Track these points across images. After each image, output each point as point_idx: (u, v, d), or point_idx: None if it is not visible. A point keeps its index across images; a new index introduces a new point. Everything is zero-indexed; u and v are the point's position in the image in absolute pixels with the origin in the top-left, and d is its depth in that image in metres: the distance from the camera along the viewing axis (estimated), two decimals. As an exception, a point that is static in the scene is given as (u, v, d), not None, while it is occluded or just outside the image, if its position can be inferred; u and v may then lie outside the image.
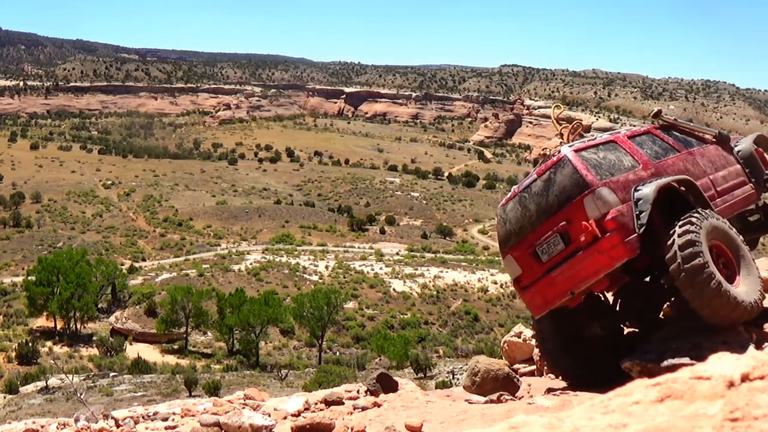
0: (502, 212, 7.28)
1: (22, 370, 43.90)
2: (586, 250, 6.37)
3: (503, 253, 7.25)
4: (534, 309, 7.10)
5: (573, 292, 6.59)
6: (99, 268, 61.29)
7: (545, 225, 6.71)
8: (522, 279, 7.07)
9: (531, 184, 6.97)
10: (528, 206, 6.89)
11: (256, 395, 7.41)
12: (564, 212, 6.55)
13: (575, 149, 6.79)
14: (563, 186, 6.60)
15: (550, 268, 6.70)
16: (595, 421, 1.62)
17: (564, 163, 6.68)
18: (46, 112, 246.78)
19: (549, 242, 6.69)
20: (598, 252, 6.29)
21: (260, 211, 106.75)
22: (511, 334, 10.09)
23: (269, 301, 52.76)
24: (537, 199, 6.82)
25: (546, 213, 6.70)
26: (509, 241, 7.11)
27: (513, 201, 7.12)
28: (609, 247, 6.22)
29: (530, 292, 6.99)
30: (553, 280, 6.67)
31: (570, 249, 6.54)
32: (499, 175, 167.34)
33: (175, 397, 28.09)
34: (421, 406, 6.54)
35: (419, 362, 43.28)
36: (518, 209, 7.00)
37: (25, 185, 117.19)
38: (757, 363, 1.65)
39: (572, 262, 6.50)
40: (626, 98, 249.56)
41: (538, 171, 7.00)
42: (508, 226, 7.12)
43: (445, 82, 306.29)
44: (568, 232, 6.55)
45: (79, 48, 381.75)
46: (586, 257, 6.37)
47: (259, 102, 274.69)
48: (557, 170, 6.71)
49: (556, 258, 6.65)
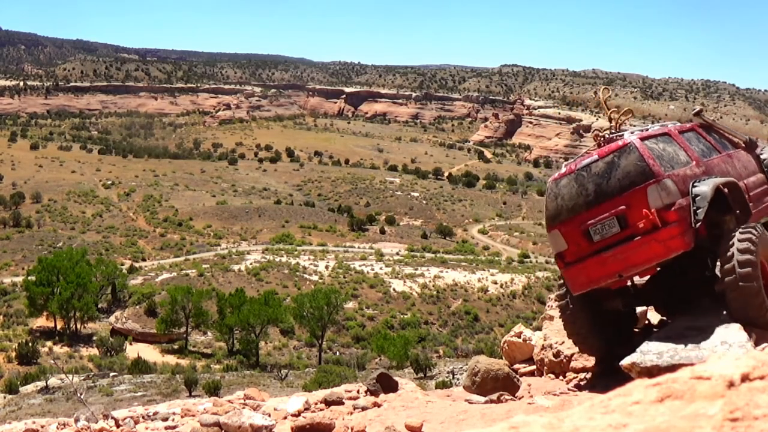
0: (554, 186, 7.26)
1: (22, 370, 43.90)
2: (644, 237, 6.53)
3: (549, 227, 7.29)
4: (576, 286, 7.12)
5: (621, 275, 6.76)
6: (99, 268, 61.29)
7: (602, 206, 6.78)
8: (566, 255, 7.11)
9: (591, 164, 6.97)
10: (585, 185, 6.93)
11: (256, 395, 7.41)
12: (624, 197, 6.65)
13: (641, 137, 6.89)
14: (627, 172, 6.67)
15: (601, 248, 6.79)
16: (595, 421, 1.62)
17: (630, 149, 6.75)
18: (46, 112, 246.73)
19: (604, 224, 6.77)
20: (656, 241, 6.46)
21: (260, 211, 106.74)
22: (511, 334, 10.08)
23: (269, 301, 52.75)
24: (596, 180, 6.87)
25: (605, 195, 6.77)
26: (559, 217, 7.14)
27: (568, 177, 7.12)
28: (668, 238, 6.41)
29: (575, 269, 7.04)
30: (603, 260, 6.76)
31: (626, 233, 6.65)
32: (499, 175, 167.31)
33: (175, 397, 28.08)
34: (421, 406, 6.54)
35: (419, 362, 43.27)
36: (573, 186, 7.03)
37: (25, 185, 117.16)
38: (757, 363, 1.65)
39: (627, 247, 6.62)
40: (626, 98, 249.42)
41: (599, 152, 7.03)
42: (560, 201, 7.13)
43: (445, 82, 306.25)
44: (625, 217, 6.66)
45: (79, 48, 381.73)
46: (643, 244, 6.53)
47: (259, 102, 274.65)
48: (622, 155, 6.77)
49: (610, 240, 6.75)
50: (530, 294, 70.19)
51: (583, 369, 8.30)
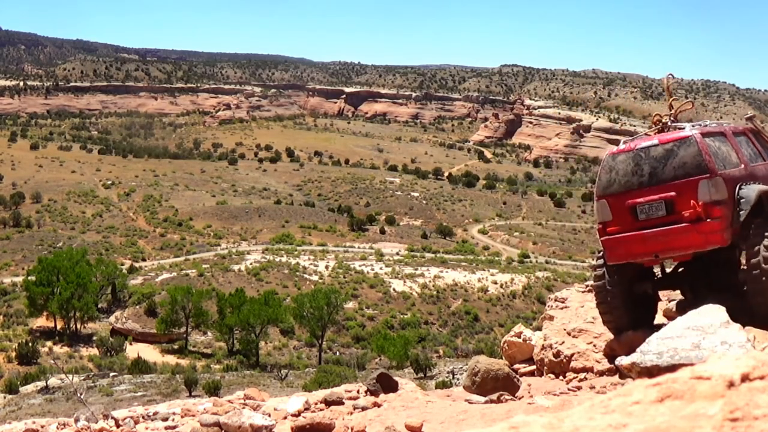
0: (610, 160, 7.70)
1: (22, 370, 43.92)
2: (687, 225, 7.07)
3: (598, 197, 7.74)
4: (613, 256, 7.60)
5: (658, 256, 7.35)
6: (99, 268, 61.31)
7: (654, 189, 7.29)
8: (609, 225, 7.59)
9: (650, 147, 7.42)
10: (641, 165, 7.40)
11: (256, 395, 7.41)
12: (676, 185, 7.17)
13: (701, 132, 7.34)
14: (684, 162, 7.16)
15: (645, 227, 7.31)
16: (595, 421, 1.62)
17: (690, 142, 7.20)
18: (46, 112, 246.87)
19: (652, 205, 7.30)
20: (697, 231, 7.02)
21: (260, 211, 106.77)
22: (511, 334, 10.08)
23: (269, 301, 52.77)
24: (653, 163, 7.34)
25: (658, 179, 7.28)
26: (609, 189, 7.61)
27: (626, 155, 7.57)
28: (708, 231, 6.98)
29: (615, 240, 7.52)
30: (644, 238, 7.28)
31: (670, 218, 7.20)
32: (499, 175, 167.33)
33: (175, 397, 28.09)
34: (421, 406, 6.54)
35: (419, 362, 43.31)
36: (630, 164, 7.49)
37: (25, 185, 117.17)
38: (757, 363, 1.65)
39: (669, 230, 7.16)
40: (626, 98, 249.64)
41: (660, 139, 7.47)
42: (613, 175, 7.60)
43: (445, 82, 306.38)
44: (673, 203, 7.19)
45: (79, 48, 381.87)
46: (685, 231, 7.07)
47: (259, 102, 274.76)
48: (681, 146, 7.23)
49: (654, 221, 7.29)
50: (530, 294, 70.20)
51: (583, 369, 8.31)
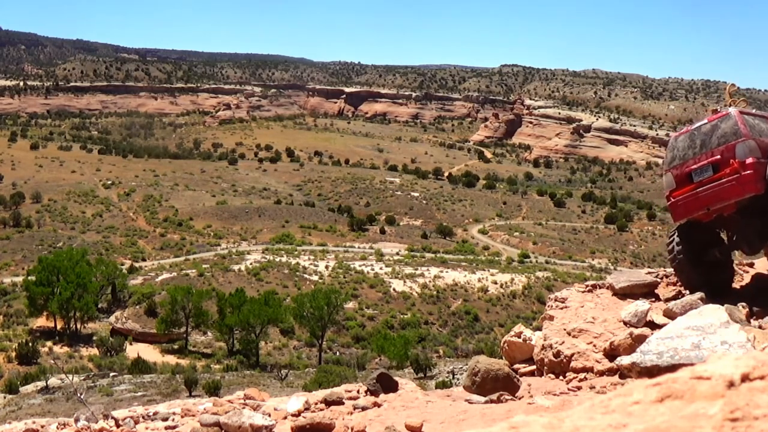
0: (673, 141, 9.62)
1: (22, 370, 43.93)
2: (729, 179, 8.67)
3: (665, 171, 9.61)
4: (677, 215, 9.39)
5: (708, 208, 8.92)
6: (99, 268, 61.30)
7: (703, 156, 9.03)
8: (673, 193, 9.33)
9: (701, 126, 9.25)
10: (695, 141, 9.21)
11: (256, 395, 7.41)
12: (720, 150, 8.87)
13: (740, 111, 9.10)
14: (725, 132, 8.90)
15: (698, 187, 8.98)
16: (595, 421, 1.62)
17: (729, 117, 8.98)
18: (46, 112, 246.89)
19: (703, 169, 9.01)
20: (736, 183, 8.61)
21: (260, 211, 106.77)
22: (511, 334, 10.07)
23: (269, 301, 52.77)
24: (703, 137, 9.14)
25: (707, 147, 9.03)
26: (673, 162, 9.43)
27: (684, 135, 9.46)
28: (745, 182, 8.58)
29: (678, 202, 9.26)
30: (697, 196, 8.97)
31: (716, 177, 8.83)
32: (499, 175, 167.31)
33: (175, 397, 28.09)
34: (421, 406, 6.54)
35: (419, 362, 43.32)
36: (687, 141, 9.32)
37: (25, 185, 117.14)
38: (757, 363, 1.65)
39: (715, 186, 8.81)
40: (626, 98, 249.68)
41: (708, 119, 9.23)
42: (675, 152, 9.44)
43: (445, 82, 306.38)
44: (718, 165, 8.86)
45: (79, 48, 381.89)
46: (727, 184, 8.70)
47: (259, 102, 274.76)
48: (723, 121, 9.01)
49: (705, 182, 8.95)
50: (530, 294, 70.21)
51: (583, 369, 8.30)
